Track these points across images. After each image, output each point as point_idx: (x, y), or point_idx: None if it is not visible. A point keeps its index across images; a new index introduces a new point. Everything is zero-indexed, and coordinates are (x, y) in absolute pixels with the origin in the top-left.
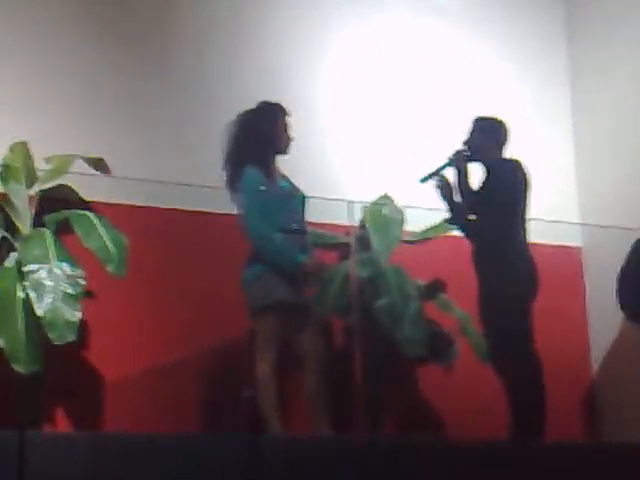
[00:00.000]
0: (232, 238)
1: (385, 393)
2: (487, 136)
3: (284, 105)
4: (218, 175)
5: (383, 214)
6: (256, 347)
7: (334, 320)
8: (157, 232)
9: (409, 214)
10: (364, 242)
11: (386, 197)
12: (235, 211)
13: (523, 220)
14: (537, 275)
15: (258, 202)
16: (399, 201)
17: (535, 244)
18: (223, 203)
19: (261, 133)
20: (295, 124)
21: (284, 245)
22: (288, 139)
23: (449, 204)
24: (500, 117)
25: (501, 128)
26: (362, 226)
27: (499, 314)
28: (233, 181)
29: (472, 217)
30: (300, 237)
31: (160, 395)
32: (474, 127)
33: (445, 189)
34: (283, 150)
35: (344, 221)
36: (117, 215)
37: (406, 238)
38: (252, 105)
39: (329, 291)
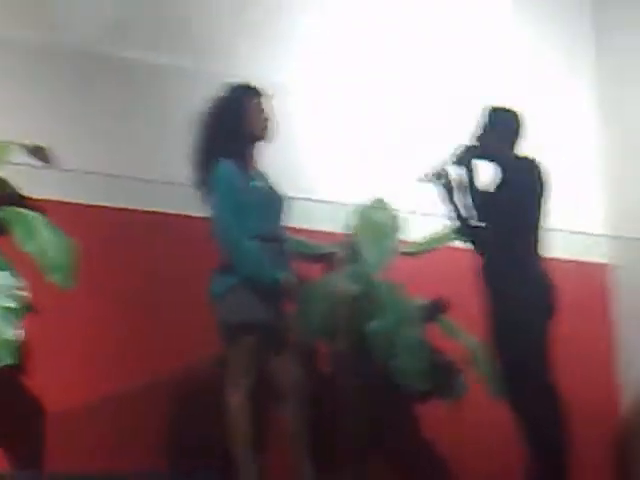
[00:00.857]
0: (200, 243)
1: (378, 434)
2: (499, 130)
3: (253, 85)
4: (183, 170)
5: (376, 220)
6: (228, 372)
7: (318, 345)
8: (111, 236)
9: (406, 221)
10: (353, 253)
11: (379, 201)
12: (204, 212)
13: (538, 229)
14: (554, 294)
15: (232, 201)
16: (394, 206)
17: (555, 259)
18: (188, 203)
19: (230, 118)
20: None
21: (261, 257)
22: (264, 122)
23: (453, 210)
24: (514, 107)
25: (515, 120)
26: (351, 234)
27: (510, 340)
28: (203, 176)
29: (480, 225)
30: (279, 246)
31: (116, 428)
32: (484, 119)
33: (448, 191)
34: (260, 135)
35: (330, 227)
36: (63, 215)
37: (403, 249)
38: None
39: (312, 310)
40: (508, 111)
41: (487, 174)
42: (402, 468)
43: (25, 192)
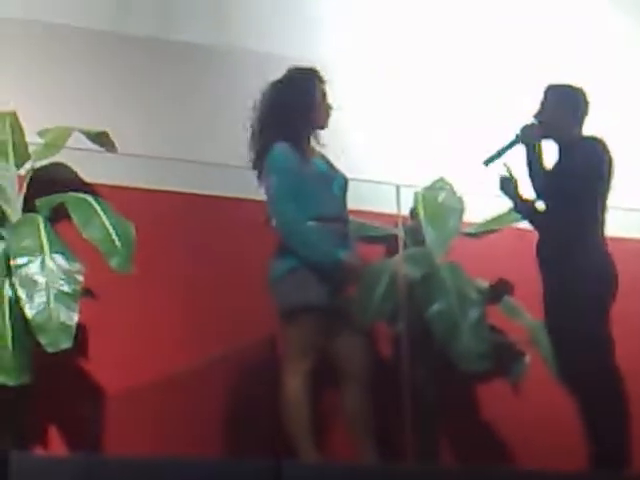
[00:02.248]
0: (258, 228)
1: (440, 415)
2: (563, 108)
3: (318, 70)
4: (242, 155)
5: (439, 202)
6: (286, 357)
7: (379, 328)
8: (170, 220)
9: (469, 202)
10: (416, 235)
11: (442, 181)
12: (262, 196)
13: (603, 211)
14: (616, 274)
15: (289, 184)
16: (457, 187)
17: (618, 238)
18: (248, 186)
19: (293, 105)
20: (331, 94)
21: (320, 237)
22: (326, 110)
23: (513, 199)
24: (579, 85)
25: (580, 98)
26: (413, 216)
27: (568, 321)
28: (260, 160)
29: (542, 205)
30: (340, 228)
31: (170, 412)
32: (547, 96)
33: (508, 182)
34: (321, 124)
35: (392, 209)
36: (123, 200)
37: (466, 230)
38: (279, 73)
39: (374, 293)
40: (573, 89)
41: (552, 154)
42: (464, 449)
43: (85, 177)
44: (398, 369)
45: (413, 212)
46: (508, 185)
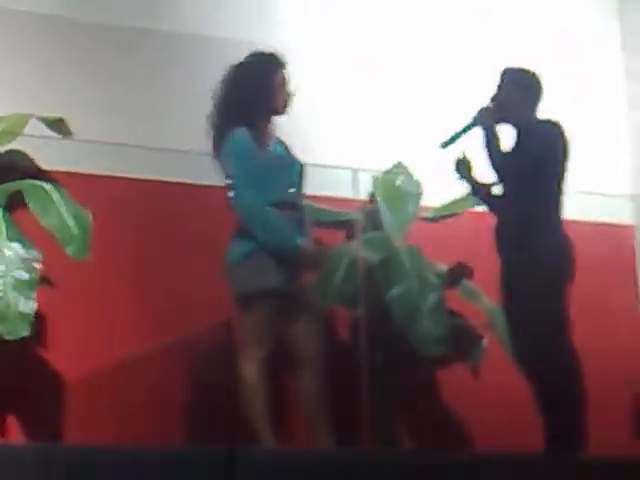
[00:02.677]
0: (213, 213)
1: (398, 399)
2: (518, 91)
3: (279, 55)
4: (199, 140)
5: (397, 186)
6: (242, 343)
7: (338, 312)
8: (125, 207)
9: (427, 186)
10: (374, 219)
11: (400, 166)
12: (218, 182)
13: (559, 193)
14: (573, 256)
15: (248, 169)
16: (415, 171)
17: (578, 222)
18: (204, 172)
19: (252, 90)
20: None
21: (280, 222)
22: (286, 96)
23: (469, 182)
24: (533, 69)
25: (534, 81)
26: (372, 200)
27: (527, 302)
28: (219, 145)
29: (500, 188)
30: (297, 214)
31: (128, 400)
32: (503, 79)
33: (463, 164)
34: (280, 109)
35: (350, 194)
36: (78, 187)
37: (424, 214)
38: (239, 57)
39: (333, 277)
40: (527, 72)
41: (507, 137)
42: (423, 432)
43: (41, 164)
44: (357, 353)
45: (371, 196)
46: (464, 168)
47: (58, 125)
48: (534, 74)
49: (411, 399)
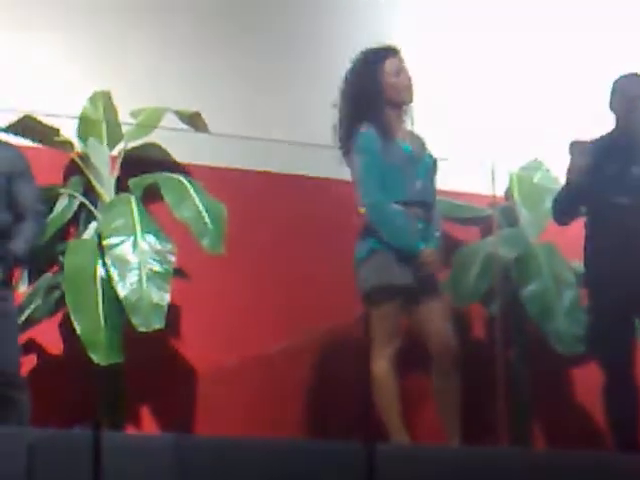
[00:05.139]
0: (347, 208)
1: (534, 398)
2: None
3: (385, 46)
4: (329, 134)
5: (534, 182)
6: (372, 339)
7: (473, 309)
8: (258, 200)
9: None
10: (510, 216)
11: (537, 162)
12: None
13: None
14: None
15: (374, 168)
16: (553, 167)
17: None
18: (338, 167)
19: (364, 84)
20: (420, 73)
21: (403, 223)
22: (404, 85)
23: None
24: None
25: None
26: (508, 196)
27: None
28: (347, 143)
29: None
30: (426, 210)
31: (260, 393)
32: None
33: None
34: (401, 100)
35: (486, 190)
36: (214, 180)
37: None
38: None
39: (467, 274)
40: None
41: None
42: (557, 433)
43: (178, 157)
44: (492, 351)
45: (508, 193)
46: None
47: (194, 119)
48: None
49: (546, 398)
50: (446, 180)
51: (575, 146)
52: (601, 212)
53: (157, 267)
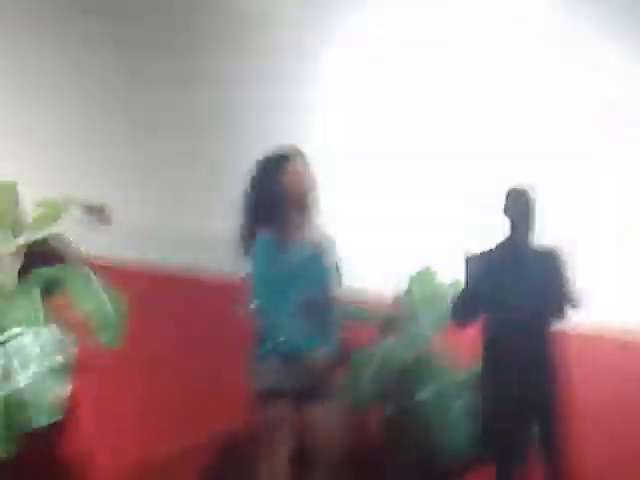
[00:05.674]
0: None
1: None
2: None
3: (285, 153)
4: (230, 231)
5: (431, 284)
6: (263, 441)
7: (366, 412)
8: (158, 295)
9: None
10: (408, 317)
11: (428, 270)
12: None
13: None
14: None
15: (267, 274)
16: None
17: None
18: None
19: (266, 189)
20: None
21: (291, 328)
22: (305, 188)
23: None
24: None
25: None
26: (406, 298)
27: None
28: (247, 243)
29: None
30: (322, 314)
31: None
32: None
33: None
34: (303, 203)
35: (386, 290)
36: (116, 273)
37: None
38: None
39: (363, 375)
40: None
41: None
42: None
43: (82, 248)
44: (383, 453)
45: (406, 294)
46: None
47: (98, 212)
48: None
49: None
50: (348, 280)
51: (470, 260)
52: (498, 316)
53: (58, 359)
